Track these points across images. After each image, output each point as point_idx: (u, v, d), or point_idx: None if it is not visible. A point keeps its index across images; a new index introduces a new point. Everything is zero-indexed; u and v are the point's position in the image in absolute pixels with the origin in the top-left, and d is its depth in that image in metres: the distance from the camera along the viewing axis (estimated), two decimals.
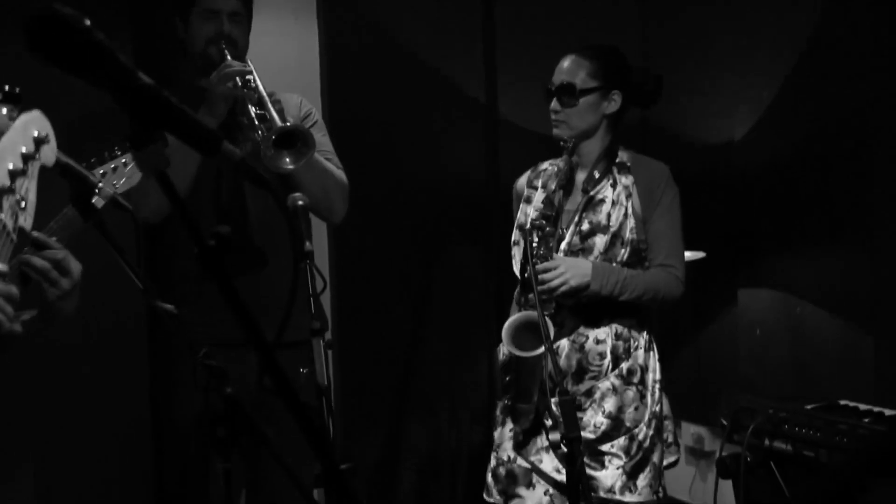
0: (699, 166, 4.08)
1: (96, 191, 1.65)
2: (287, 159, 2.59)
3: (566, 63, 2.76)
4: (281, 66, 3.72)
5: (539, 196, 2.81)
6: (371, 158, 3.95)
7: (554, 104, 2.75)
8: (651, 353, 2.80)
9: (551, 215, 2.69)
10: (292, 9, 3.86)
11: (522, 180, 2.90)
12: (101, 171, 2.35)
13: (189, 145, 1.19)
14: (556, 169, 2.82)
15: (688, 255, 3.80)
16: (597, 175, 2.76)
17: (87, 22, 1.11)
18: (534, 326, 2.60)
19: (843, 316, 3.49)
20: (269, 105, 2.60)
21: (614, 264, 2.72)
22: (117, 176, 2.09)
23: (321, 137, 2.83)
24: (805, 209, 3.60)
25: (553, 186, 2.74)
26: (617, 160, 2.79)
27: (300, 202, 2.37)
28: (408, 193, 4.09)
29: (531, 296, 2.67)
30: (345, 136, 3.38)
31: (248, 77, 2.64)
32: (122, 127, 1.17)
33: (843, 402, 2.95)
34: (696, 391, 4.12)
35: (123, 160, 2.09)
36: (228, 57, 2.69)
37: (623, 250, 2.73)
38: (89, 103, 2.53)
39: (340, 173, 2.84)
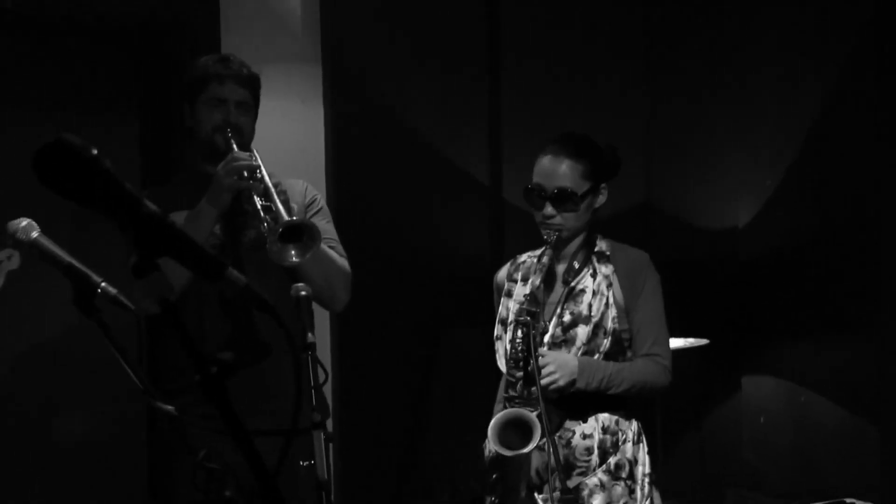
0: (703, 252, 4.12)
1: (98, 290, 1.64)
2: (292, 252, 2.61)
3: (561, 167, 2.73)
4: (286, 148, 3.74)
5: (520, 290, 2.79)
6: (375, 242, 3.96)
7: (549, 209, 2.73)
8: (640, 445, 2.78)
9: (537, 311, 2.66)
10: (299, 92, 3.89)
11: (502, 273, 2.89)
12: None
13: (193, 271, 1.22)
14: (534, 262, 2.82)
15: (691, 341, 3.89)
16: (577, 265, 2.76)
17: (95, 151, 1.14)
18: (520, 424, 2.59)
19: (847, 405, 3.51)
20: (276, 197, 2.63)
21: (597, 355, 2.70)
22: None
23: (325, 224, 2.86)
24: (810, 296, 3.66)
25: (536, 281, 2.72)
26: (596, 249, 2.79)
27: (303, 293, 2.35)
28: (411, 277, 4.08)
29: (533, 389, 2.64)
30: (349, 219, 3.42)
31: (255, 169, 2.67)
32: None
33: (849, 502, 2.95)
34: (698, 482, 4.08)
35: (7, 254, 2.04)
36: (234, 146, 2.72)
37: (605, 340, 2.71)
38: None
39: (344, 262, 2.86)
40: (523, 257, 2.89)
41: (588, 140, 2.79)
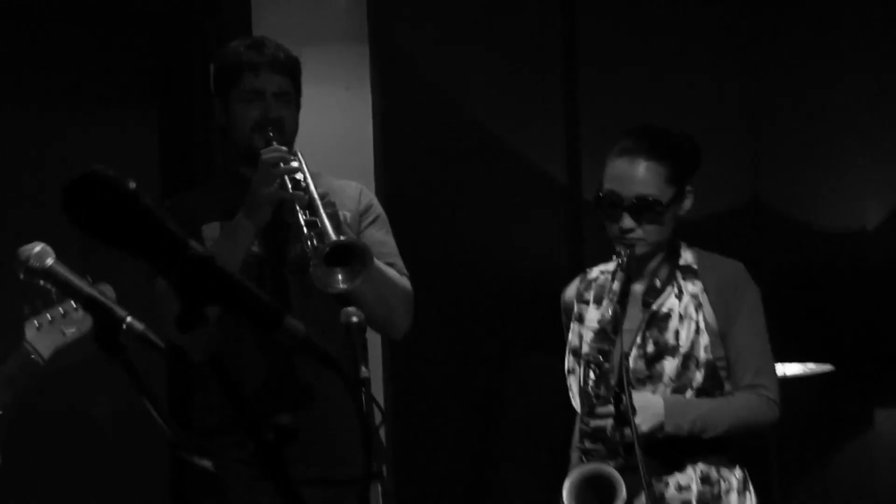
0: (824, 260, 4.10)
1: (123, 326, 1.66)
2: (339, 278, 2.65)
3: (639, 170, 2.72)
4: (327, 143, 3.77)
5: (592, 314, 2.80)
6: (431, 253, 3.99)
7: (627, 221, 2.72)
8: (747, 495, 2.78)
9: (608, 351, 2.66)
10: (342, 77, 3.92)
11: (571, 292, 2.89)
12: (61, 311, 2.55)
13: (246, 320, 1.24)
14: (608, 278, 2.81)
15: (811, 368, 3.87)
16: (658, 284, 2.75)
17: (133, 185, 1.16)
18: (601, 481, 2.59)
19: None
20: (322, 210, 2.66)
21: (689, 392, 2.70)
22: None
23: (383, 236, 2.90)
24: None
25: (608, 312, 2.71)
26: (680, 262, 2.79)
27: (354, 318, 2.39)
28: (475, 294, 4.13)
29: (626, 432, 2.62)
30: (400, 227, 3.42)
31: (297, 176, 2.72)
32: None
33: None
34: None
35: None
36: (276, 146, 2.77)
37: (698, 373, 2.71)
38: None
39: (405, 282, 2.89)
40: (594, 272, 2.88)
41: (669, 134, 2.79)
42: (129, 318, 1.64)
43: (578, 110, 4.26)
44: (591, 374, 2.66)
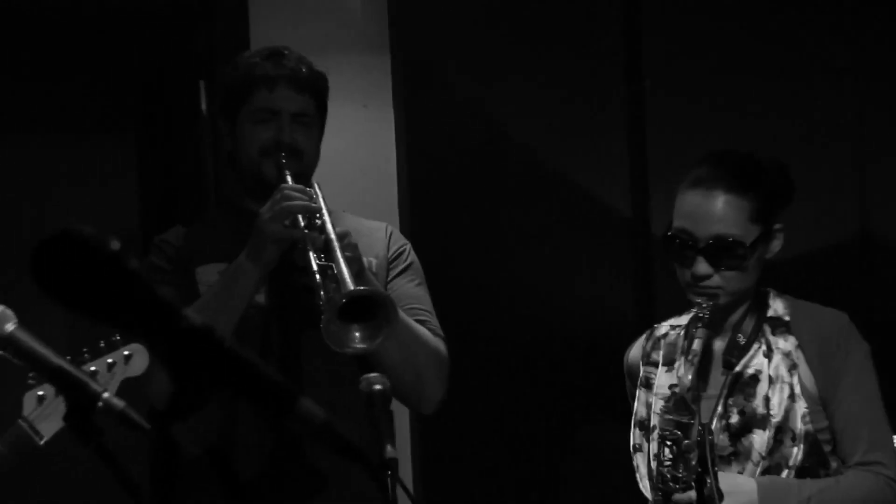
0: None
1: (99, 403, 1.64)
2: (356, 336, 2.60)
3: (717, 206, 2.64)
4: (342, 170, 3.72)
5: (663, 378, 2.74)
6: (468, 302, 3.95)
7: (701, 266, 2.63)
8: None
9: (688, 423, 2.58)
10: (360, 92, 3.88)
11: (636, 353, 2.84)
12: (92, 368, 2.40)
13: (254, 406, 1.25)
14: (680, 335, 2.76)
15: None
16: (742, 340, 2.68)
17: (116, 245, 1.15)
18: None
19: None
20: (339, 253, 2.60)
21: (785, 472, 2.62)
22: (114, 376, 2.22)
23: (415, 289, 2.88)
24: None
25: (683, 375, 2.65)
26: (768, 313, 2.72)
27: (377, 386, 2.30)
28: (521, 352, 4.06)
29: None
30: (432, 271, 3.29)
31: (314, 214, 2.67)
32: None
33: None
34: None
35: (125, 352, 2.23)
36: (289, 176, 2.72)
37: (795, 449, 2.63)
38: None
39: (438, 344, 2.84)
40: (663, 328, 2.83)
41: (753, 161, 2.73)
42: (105, 395, 1.62)
43: (646, 133, 4.21)
44: (667, 452, 2.58)
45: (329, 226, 2.64)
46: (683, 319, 2.75)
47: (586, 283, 4.16)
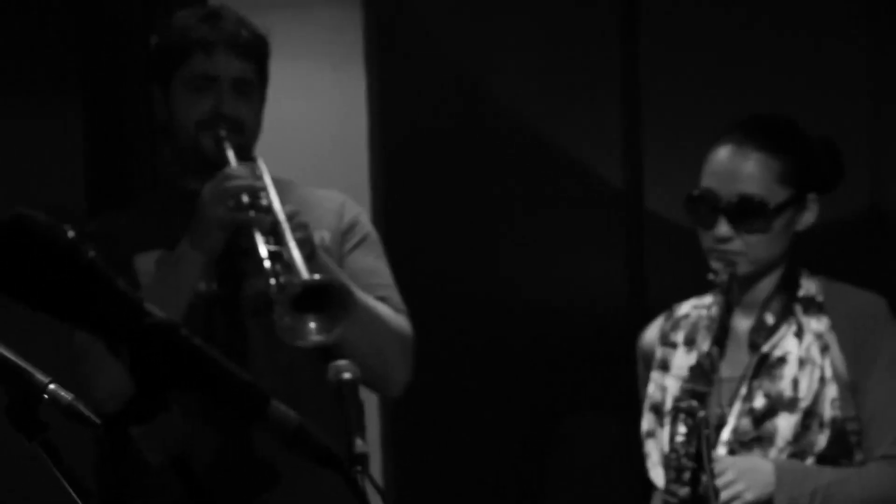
0: None
1: (45, 396, 1.63)
2: (311, 327, 2.56)
3: (746, 164, 2.66)
4: (308, 138, 3.73)
5: (682, 359, 2.74)
6: (445, 281, 3.92)
7: (723, 228, 2.63)
8: None
9: (705, 392, 2.59)
10: (327, 53, 3.82)
11: (652, 334, 2.84)
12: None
13: (222, 409, 1.26)
14: (703, 314, 2.75)
15: None
16: (770, 320, 2.68)
17: (72, 234, 1.16)
18: None
19: None
20: (289, 236, 2.56)
21: (809, 458, 2.62)
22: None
23: (373, 262, 2.84)
24: None
25: (705, 345, 2.66)
26: (800, 293, 2.71)
27: (346, 375, 2.30)
28: (503, 334, 3.98)
29: None
30: (405, 248, 3.31)
31: (258, 193, 2.63)
32: None
33: None
34: None
35: None
36: (230, 153, 2.66)
37: (821, 436, 2.62)
38: None
39: (401, 322, 2.81)
40: (685, 307, 2.80)
41: (792, 125, 2.73)
42: (51, 386, 1.62)
43: (641, 98, 4.11)
44: (681, 428, 2.57)
45: (277, 206, 2.62)
46: (707, 299, 2.74)
47: (575, 259, 4.13)
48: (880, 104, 4.28)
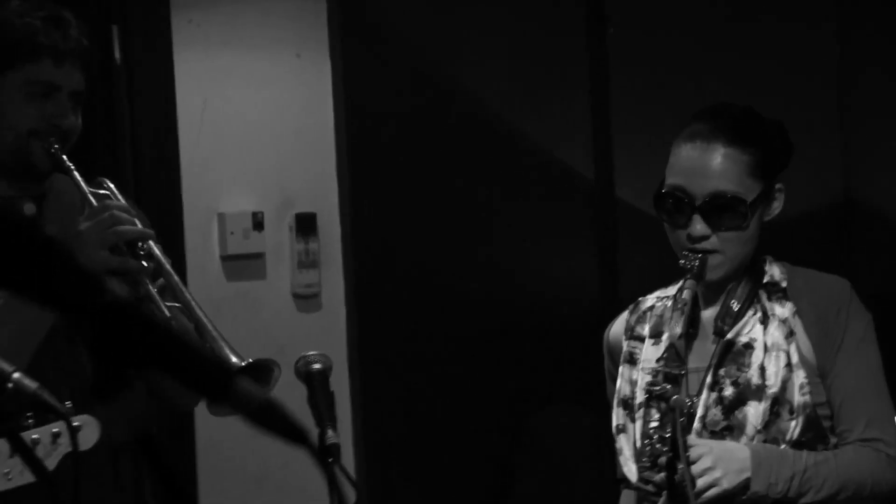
0: None
1: (9, 385, 1.66)
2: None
3: (715, 159, 2.65)
4: (271, 130, 3.71)
5: (649, 352, 2.73)
6: (413, 273, 3.91)
7: (698, 226, 2.62)
8: None
9: (678, 375, 2.60)
10: (290, 39, 3.81)
11: (618, 327, 2.83)
12: (35, 436, 2.27)
13: (187, 387, 1.26)
14: (668, 305, 2.76)
15: None
16: (736, 306, 2.66)
17: (31, 210, 1.32)
18: None
19: None
20: (188, 296, 2.51)
21: (783, 446, 2.61)
22: (57, 448, 2.16)
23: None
24: None
25: (677, 329, 2.65)
26: (765, 279, 2.71)
27: (316, 365, 2.32)
28: (473, 328, 4.03)
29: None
30: (373, 240, 3.33)
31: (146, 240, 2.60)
32: None
33: None
34: None
35: (75, 423, 2.12)
36: (76, 175, 2.59)
37: (793, 423, 2.62)
38: None
39: None
40: (650, 300, 2.81)
41: (754, 115, 2.71)
42: (16, 375, 1.60)
43: (609, 88, 4.18)
44: (654, 413, 2.60)
45: (157, 252, 2.57)
46: (671, 290, 2.72)
47: (546, 252, 4.18)
48: (850, 91, 4.37)
